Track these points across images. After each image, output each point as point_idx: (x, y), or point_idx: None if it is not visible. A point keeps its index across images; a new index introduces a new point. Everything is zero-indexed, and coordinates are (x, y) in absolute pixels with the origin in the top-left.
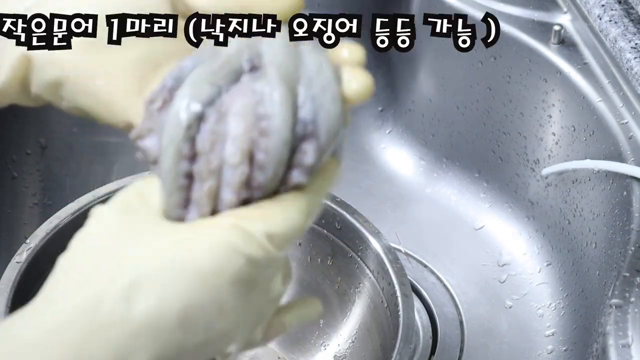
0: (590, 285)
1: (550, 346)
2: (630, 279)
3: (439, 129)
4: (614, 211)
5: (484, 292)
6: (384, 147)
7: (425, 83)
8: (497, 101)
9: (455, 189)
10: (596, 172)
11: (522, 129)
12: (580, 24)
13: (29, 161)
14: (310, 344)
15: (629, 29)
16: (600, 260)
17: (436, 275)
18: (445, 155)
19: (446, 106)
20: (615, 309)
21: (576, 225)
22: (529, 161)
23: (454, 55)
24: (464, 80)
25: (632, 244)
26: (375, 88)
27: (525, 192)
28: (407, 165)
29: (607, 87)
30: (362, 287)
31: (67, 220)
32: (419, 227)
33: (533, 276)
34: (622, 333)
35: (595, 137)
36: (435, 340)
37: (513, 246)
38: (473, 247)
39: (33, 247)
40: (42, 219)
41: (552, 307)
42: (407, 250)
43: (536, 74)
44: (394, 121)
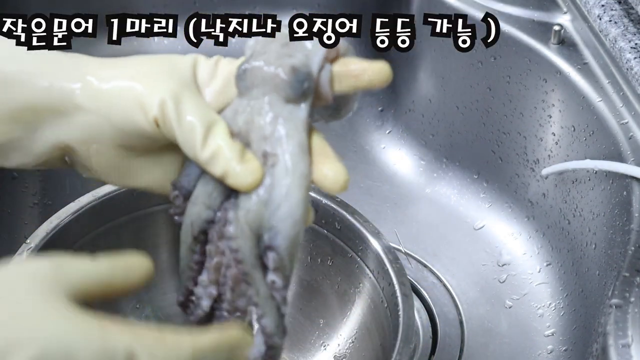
0: (590, 285)
1: (550, 346)
2: (630, 279)
3: (439, 129)
4: (614, 211)
5: (484, 292)
6: (384, 147)
7: (425, 83)
8: (497, 101)
9: (455, 189)
10: (596, 172)
11: (522, 129)
12: (580, 24)
13: None
14: (310, 344)
15: (629, 29)
16: (600, 260)
17: (436, 275)
18: (445, 155)
19: (446, 106)
20: (615, 309)
21: (576, 225)
22: (529, 161)
23: (454, 55)
24: (464, 80)
25: (632, 244)
26: None
27: (525, 192)
28: (407, 165)
29: (607, 87)
30: (362, 287)
31: (67, 220)
32: (419, 227)
33: (533, 276)
34: (622, 333)
35: (595, 137)
36: (435, 340)
37: (513, 246)
38: (473, 247)
39: (33, 247)
40: (42, 219)
41: (552, 307)
42: (407, 250)
43: (536, 74)
44: (394, 121)
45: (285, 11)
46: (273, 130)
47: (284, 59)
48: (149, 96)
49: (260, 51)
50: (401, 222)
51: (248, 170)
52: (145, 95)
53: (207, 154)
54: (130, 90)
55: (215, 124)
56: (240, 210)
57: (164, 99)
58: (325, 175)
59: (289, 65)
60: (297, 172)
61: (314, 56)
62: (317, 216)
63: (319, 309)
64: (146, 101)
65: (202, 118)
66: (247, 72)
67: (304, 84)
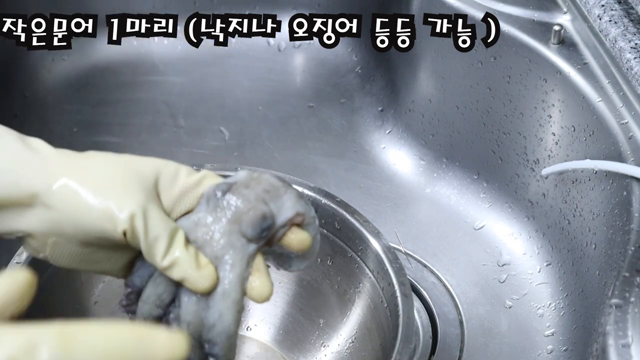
0: (590, 285)
1: (550, 346)
2: (630, 279)
3: (439, 129)
4: (614, 211)
5: (484, 292)
6: (384, 147)
7: (425, 83)
8: (497, 101)
9: (455, 189)
10: (596, 172)
11: (522, 129)
12: (580, 24)
13: None
14: (310, 344)
15: (629, 29)
16: (600, 260)
17: (436, 275)
18: (445, 155)
19: (446, 106)
20: (615, 309)
21: (576, 225)
22: (529, 161)
23: (454, 55)
24: (464, 80)
25: (632, 244)
26: (375, 88)
27: (525, 192)
28: (407, 165)
29: (607, 87)
30: (362, 287)
31: None
32: (419, 227)
33: (533, 276)
34: (622, 333)
35: (595, 137)
36: (435, 340)
37: (513, 246)
38: (473, 247)
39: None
40: None
41: (552, 307)
42: (407, 250)
43: (536, 74)
44: (394, 121)
45: (286, 11)
46: (223, 255)
47: (259, 203)
48: (119, 211)
49: (244, 185)
50: (401, 222)
51: (204, 276)
52: (116, 210)
53: (167, 263)
54: (101, 204)
55: (175, 235)
56: (182, 323)
57: (134, 214)
58: (252, 287)
59: (261, 212)
60: (231, 298)
61: (284, 213)
62: (317, 216)
63: (319, 308)
64: (116, 216)
65: (165, 231)
66: (224, 198)
67: (263, 232)
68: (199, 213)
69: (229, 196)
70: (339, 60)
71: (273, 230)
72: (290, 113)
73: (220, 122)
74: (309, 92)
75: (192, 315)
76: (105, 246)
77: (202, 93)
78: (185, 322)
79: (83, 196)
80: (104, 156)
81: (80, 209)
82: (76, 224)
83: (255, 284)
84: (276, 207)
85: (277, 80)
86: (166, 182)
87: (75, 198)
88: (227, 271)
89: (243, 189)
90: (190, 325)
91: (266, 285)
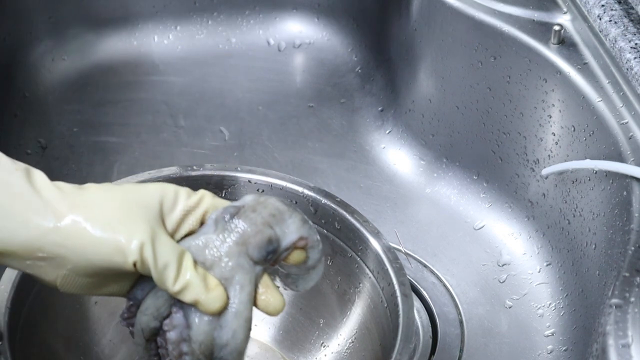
0: (590, 285)
1: (550, 346)
2: (630, 279)
3: (439, 129)
4: (614, 211)
5: (484, 292)
6: (384, 147)
7: (425, 83)
8: (497, 101)
9: (455, 189)
10: (596, 172)
11: (522, 129)
12: (580, 24)
13: (29, 161)
14: (310, 344)
15: (629, 29)
16: (600, 260)
17: (436, 275)
18: (445, 155)
19: (446, 106)
20: (615, 309)
21: (576, 225)
22: (529, 161)
23: (454, 55)
24: (464, 80)
25: (632, 244)
26: (375, 88)
27: (525, 192)
28: (407, 165)
29: (607, 87)
30: (362, 287)
31: None
32: (419, 227)
33: (533, 276)
34: (622, 333)
35: (595, 137)
36: (435, 340)
37: (513, 246)
38: (473, 247)
39: None
40: None
41: (552, 307)
42: (407, 250)
43: (536, 74)
44: (394, 121)
45: (286, 11)
46: (233, 275)
47: (266, 227)
48: (128, 243)
49: (251, 208)
50: (401, 222)
51: (215, 298)
52: (124, 242)
53: (179, 287)
54: (109, 238)
55: (183, 259)
56: (194, 344)
57: (142, 244)
58: (267, 303)
59: (267, 235)
60: (243, 317)
61: (289, 236)
62: (317, 216)
63: (319, 308)
64: (126, 248)
65: (174, 257)
66: (232, 221)
67: (268, 255)
68: (207, 235)
69: (236, 220)
70: (339, 60)
71: (277, 254)
72: (290, 113)
73: (220, 122)
74: (309, 92)
75: (203, 335)
76: (114, 274)
77: (202, 93)
78: (197, 342)
79: (91, 232)
80: (104, 188)
81: (89, 244)
82: (87, 259)
83: (269, 300)
84: (281, 231)
85: (277, 80)
86: (168, 206)
87: (83, 234)
88: (237, 291)
89: (250, 212)
90: (202, 345)
91: (279, 299)
